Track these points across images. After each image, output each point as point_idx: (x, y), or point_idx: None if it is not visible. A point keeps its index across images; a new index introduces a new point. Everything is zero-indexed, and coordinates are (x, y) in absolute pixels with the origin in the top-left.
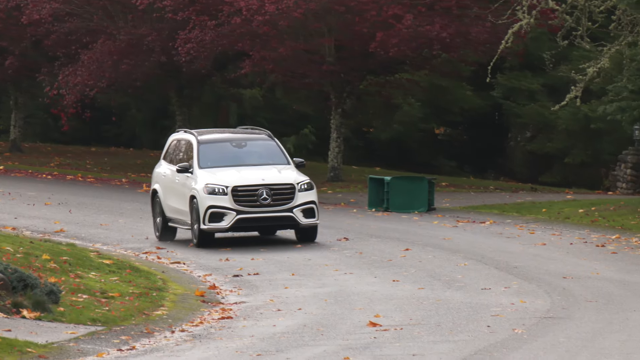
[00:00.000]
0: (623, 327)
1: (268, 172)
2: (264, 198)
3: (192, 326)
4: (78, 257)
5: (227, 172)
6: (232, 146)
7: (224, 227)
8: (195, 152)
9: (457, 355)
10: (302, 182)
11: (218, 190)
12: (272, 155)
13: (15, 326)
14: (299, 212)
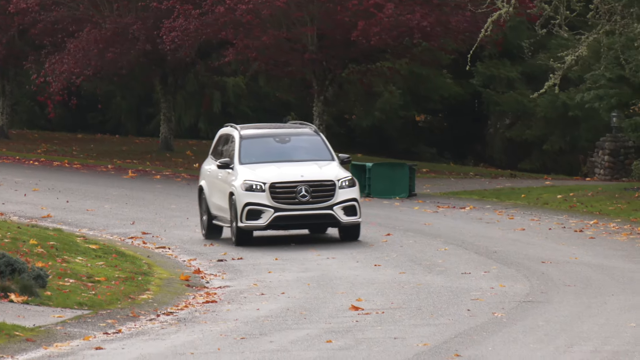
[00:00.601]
0: (601, 311)
1: (308, 168)
2: (302, 195)
3: (177, 310)
4: (65, 242)
5: (267, 168)
6: (275, 141)
7: (262, 225)
8: (236, 148)
9: (438, 338)
10: (343, 179)
11: (256, 187)
12: (317, 150)
13: (3, 310)
14: (339, 210)
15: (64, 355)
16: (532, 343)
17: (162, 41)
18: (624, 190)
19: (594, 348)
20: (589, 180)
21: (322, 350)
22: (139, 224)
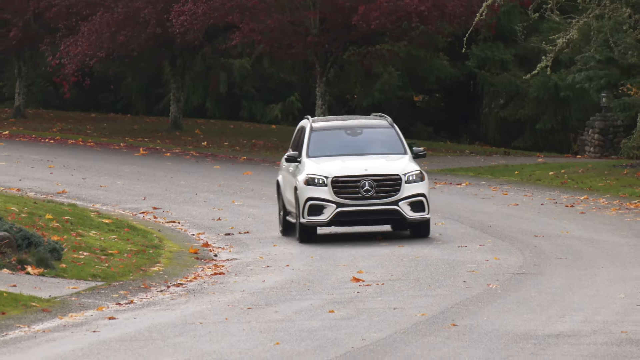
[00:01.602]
0: (591, 283)
1: (373, 162)
2: (366, 190)
3: (187, 281)
4: (79, 216)
5: (332, 161)
6: (346, 134)
7: (323, 220)
8: (305, 140)
9: (436, 308)
10: (410, 173)
11: (318, 181)
12: (389, 143)
13: (20, 282)
14: (405, 205)
15: (78, 324)
16: (525, 313)
17: (172, 25)
18: (613, 167)
19: (584, 318)
20: (579, 157)
21: (325, 320)
22: (150, 199)
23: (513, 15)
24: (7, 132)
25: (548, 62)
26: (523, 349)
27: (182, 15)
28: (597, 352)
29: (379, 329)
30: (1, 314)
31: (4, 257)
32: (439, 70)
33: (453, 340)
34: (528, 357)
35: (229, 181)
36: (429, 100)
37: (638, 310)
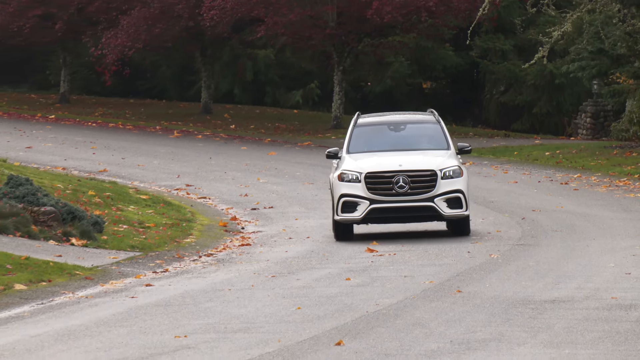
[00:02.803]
0: (584, 253)
1: (409, 158)
2: (400, 186)
3: (217, 252)
4: (119, 193)
5: (369, 157)
6: (389, 129)
7: (357, 217)
8: (347, 136)
9: (442, 276)
10: (447, 169)
11: (352, 178)
12: (431, 139)
13: (65, 252)
14: (441, 202)
15: (118, 291)
16: (523, 281)
17: (203, 18)
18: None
19: (577, 285)
20: (573, 139)
21: (342, 287)
22: (183, 177)
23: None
24: (53, 117)
25: (544, 53)
26: (522, 313)
27: (212, 9)
28: (590, 316)
29: (391, 295)
30: (48, 282)
31: (51, 229)
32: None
33: (458, 305)
34: (526, 321)
35: (254, 161)
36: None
37: (627, 278)
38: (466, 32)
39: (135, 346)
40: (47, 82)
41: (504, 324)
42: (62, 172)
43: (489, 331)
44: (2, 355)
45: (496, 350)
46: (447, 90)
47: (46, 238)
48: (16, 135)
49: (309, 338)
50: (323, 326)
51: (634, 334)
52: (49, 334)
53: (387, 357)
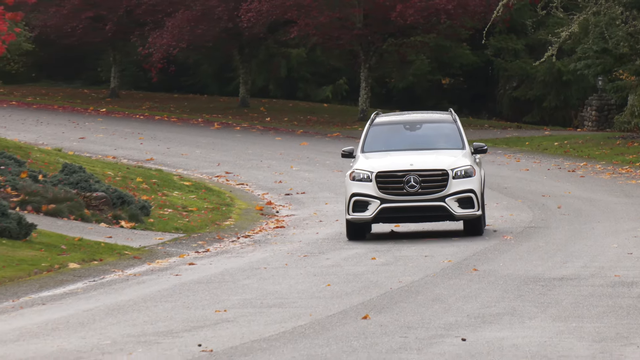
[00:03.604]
0: (590, 235)
1: (421, 157)
2: (411, 185)
3: (253, 233)
4: (164, 179)
5: (382, 156)
6: (404, 129)
7: (368, 217)
8: (363, 135)
9: (460, 256)
10: (459, 168)
11: (363, 177)
12: (446, 138)
13: (115, 234)
14: (452, 202)
15: (163, 269)
16: (534, 260)
17: (241, 20)
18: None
19: (584, 264)
20: (579, 131)
21: (368, 266)
22: (223, 165)
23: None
24: (104, 110)
25: (553, 51)
26: (533, 289)
27: (249, 12)
28: (595, 292)
29: (412, 273)
30: (99, 261)
31: (102, 213)
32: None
33: (474, 282)
34: (537, 297)
35: (288, 150)
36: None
37: (629, 257)
38: (481, 33)
39: (179, 320)
40: (98, 78)
41: (516, 300)
42: (112, 160)
43: (502, 306)
44: (57, 328)
45: (509, 324)
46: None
47: (98, 221)
48: (70, 127)
49: (338, 312)
50: (351, 301)
51: (636, 308)
52: (100, 308)
53: (409, 330)
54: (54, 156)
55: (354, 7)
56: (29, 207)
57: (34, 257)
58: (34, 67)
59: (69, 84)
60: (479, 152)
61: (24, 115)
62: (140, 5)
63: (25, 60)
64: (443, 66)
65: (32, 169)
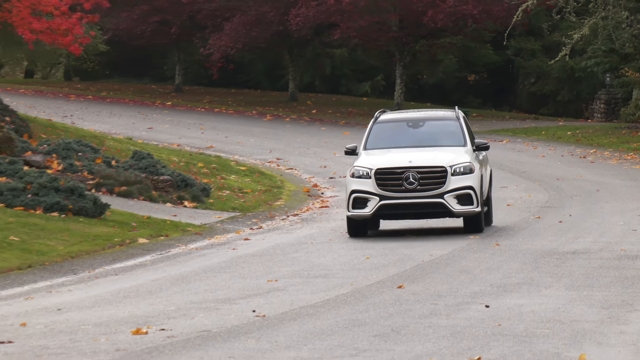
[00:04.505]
0: (599, 214)
1: (420, 154)
2: (409, 182)
3: (301, 212)
4: (222, 165)
5: (383, 154)
6: (407, 126)
7: (367, 214)
8: (366, 132)
9: (484, 232)
10: (458, 165)
11: (362, 174)
12: (449, 135)
13: (179, 213)
14: (451, 198)
15: (222, 244)
16: (549, 236)
17: (290, 24)
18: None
19: (593, 240)
20: (589, 121)
21: (402, 241)
22: (274, 152)
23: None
24: (169, 103)
25: (566, 51)
26: (548, 262)
27: (297, 17)
28: (603, 264)
29: (442, 247)
30: (165, 236)
31: (168, 194)
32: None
33: (497, 255)
34: (552, 268)
35: (331, 139)
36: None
37: (633, 234)
38: (503, 35)
39: (236, 288)
40: (164, 75)
41: (533, 271)
42: (177, 148)
43: (521, 276)
44: (128, 296)
45: (527, 292)
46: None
47: (164, 201)
48: (140, 119)
49: (375, 282)
50: (387, 272)
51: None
52: (166, 278)
53: (439, 298)
54: (125, 144)
55: (390, 12)
56: (103, 189)
57: (108, 233)
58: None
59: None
60: (481, 150)
61: (99, 108)
62: (201, 11)
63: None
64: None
65: (106, 156)
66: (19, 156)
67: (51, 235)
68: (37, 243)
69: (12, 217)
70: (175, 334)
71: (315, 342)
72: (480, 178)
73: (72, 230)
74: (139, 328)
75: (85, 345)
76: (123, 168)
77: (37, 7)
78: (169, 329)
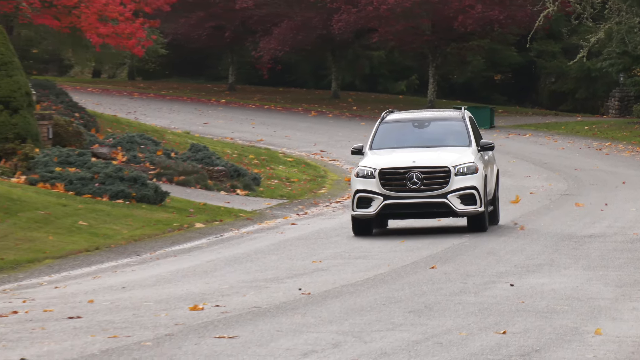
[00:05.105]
0: (613, 201)
1: (424, 154)
2: (413, 182)
3: (343, 200)
4: (271, 156)
5: (387, 154)
6: (413, 126)
7: (371, 213)
8: (372, 133)
9: (509, 217)
10: (461, 165)
11: (367, 174)
12: (453, 135)
13: (232, 200)
14: (454, 198)
15: (271, 228)
16: (568, 221)
17: (333, 28)
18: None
19: (608, 224)
20: (605, 117)
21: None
22: (318, 145)
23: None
24: (223, 101)
25: (584, 53)
26: (567, 244)
27: (339, 22)
28: (617, 247)
29: (470, 232)
30: (219, 221)
31: (222, 183)
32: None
33: (520, 239)
34: (571, 250)
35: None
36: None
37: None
38: (526, 38)
39: (284, 268)
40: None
41: (554, 253)
42: (230, 141)
43: (543, 258)
44: (186, 275)
45: (548, 272)
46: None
47: (218, 189)
48: (196, 114)
49: (410, 263)
50: (420, 254)
51: None
52: (220, 259)
53: (468, 277)
54: (183, 138)
55: (423, 17)
56: (164, 178)
57: (168, 219)
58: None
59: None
60: (486, 150)
61: (160, 105)
62: (253, 17)
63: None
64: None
65: (166, 148)
66: (87, 148)
67: (116, 220)
68: (104, 227)
69: (81, 203)
70: (228, 309)
71: (355, 317)
72: (485, 178)
73: (135, 216)
74: (196, 304)
75: (147, 320)
76: (181, 159)
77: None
78: (223, 305)
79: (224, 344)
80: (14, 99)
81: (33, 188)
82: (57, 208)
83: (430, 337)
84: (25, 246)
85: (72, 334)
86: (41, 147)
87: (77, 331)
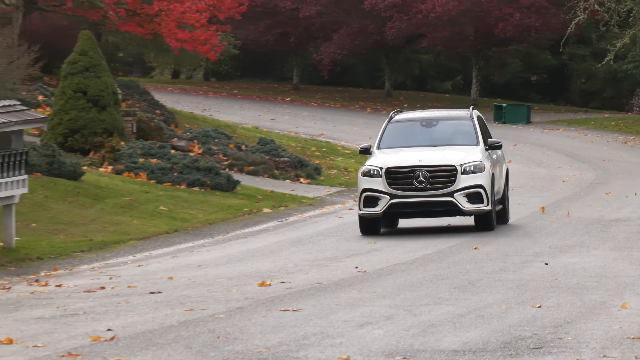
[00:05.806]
0: (638, 189)
1: (431, 153)
2: (419, 181)
3: None
4: (331, 149)
5: (395, 153)
6: (421, 126)
7: (378, 212)
8: (380, 132)
9: (544, 203)
10: (468, 164)
11: (373, 172)
12: (461, 135)
13: (296, 188)
14: (461, 197)
15: (330, 213)
16: (598, 207)
17: (386, 34)
18: None
19: (633, 210)
20: (630, 114)
21: None
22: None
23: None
24: (288, 99)
25: (611, 57)
26: (596, 227)
27: (392, 29)
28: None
29: (511, 217)
30: (285, 207)
31: (287, 173)
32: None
33: (555, 222)
34: (599, 233)
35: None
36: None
37: None
38: (559, 43)
39: (342, 249)
40: (284, 76)
41: (584, 235)
42: (294, 135)
43: (574, 240)
44: (255, 255)
45: (579, 252)
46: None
47: (284, 178)
48: (264, 111)
49: (456, 244)
50: (465, 237)
51: None
52: (285, 241)
53: (507, 257)
54: (252, 132)
55: (468, 25)
56: (235, 168)
57: (238, 204)
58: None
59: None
60: (493, 148)
61: (232, 103)
62: (315, 24)
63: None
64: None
65: (237, 141)
66: (167, 142)
67: (193, 205)
68: (182, 212)
69: (162, 191)
70: (292, 285)
71: (406, 293)
72: (492, 177)
73: (210, 202)
74: (264, 281)
75: (220, 294)
76: (251, 151)
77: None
78: (288, 281)
79: (288, 316)
80: (102, 98)
81: (119, 177)
82: (140, 195)
83: (473, 311)
84: (112, 229)
85: (153, 307)
86: (126, 141)
87: (158, 305)
